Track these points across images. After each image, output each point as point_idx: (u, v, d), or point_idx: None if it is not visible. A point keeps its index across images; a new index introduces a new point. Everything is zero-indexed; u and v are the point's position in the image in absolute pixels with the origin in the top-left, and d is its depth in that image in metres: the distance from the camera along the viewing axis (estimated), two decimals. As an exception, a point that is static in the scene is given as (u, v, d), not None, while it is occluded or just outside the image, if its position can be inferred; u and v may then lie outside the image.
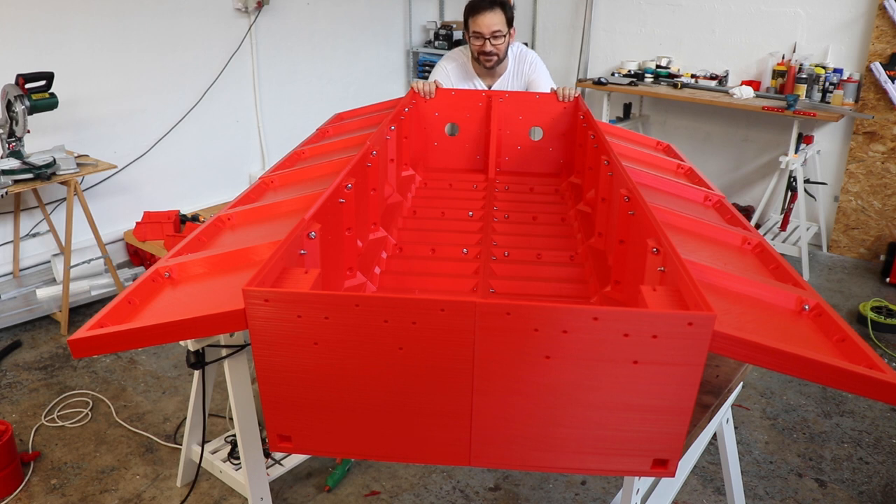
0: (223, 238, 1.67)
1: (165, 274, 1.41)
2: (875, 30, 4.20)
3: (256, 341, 1.13)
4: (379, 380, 1.15)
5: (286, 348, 1.13)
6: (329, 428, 1.22)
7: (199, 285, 1.39)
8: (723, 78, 4.81)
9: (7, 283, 3.84)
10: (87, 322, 1.24)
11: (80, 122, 3.89)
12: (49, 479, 2.59)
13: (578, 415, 1.16)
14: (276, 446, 1.25)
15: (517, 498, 2.53)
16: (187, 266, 1.44)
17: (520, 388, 1.13)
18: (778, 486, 2.59)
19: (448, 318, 1.07)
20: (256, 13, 4.77)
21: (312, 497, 2.53)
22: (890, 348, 3.50)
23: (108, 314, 1.24)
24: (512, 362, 1.11)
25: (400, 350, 1.11)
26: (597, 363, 1.10)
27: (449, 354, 1.11)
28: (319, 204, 1.55)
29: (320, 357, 1.13)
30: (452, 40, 5.89)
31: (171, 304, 1.32)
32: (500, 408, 1.16)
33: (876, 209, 4.47)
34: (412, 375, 1.14)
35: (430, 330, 1.09)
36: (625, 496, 1.46)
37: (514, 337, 1.08)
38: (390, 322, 1.08)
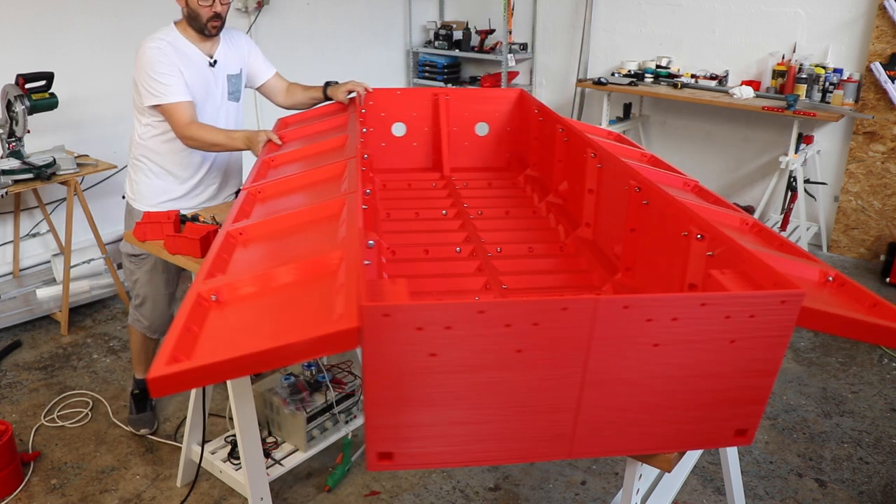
0: (247, 254, 1.57)
1: (212, 297, 1.30)
2: (875, 30, 4.20)
3: (371, 359, 1.09)
4: (494, 384, 1.15)
5: (402, 363, 1.09)
6: (433, 440, 1.20)
7: (255, 305, 1.29)
8: (723, 78, 4.81)
9: (7, 283, 3.84)
10: (157, 358, 1.09)
11: (80, 122, 3.89)
12: (49, 479, 2.59)
13: (679, 397, 1.22)
14: (375, 466, 1.21)
15: (517, 498, 2.53)
16: (234, 286, 1.33)
17: (628, 377, 1.18)
18: (778, 486, 2.59)
19: (569, 316, 1.09)
20: (256, 13, 4.77)
21: (312, 497, 2.53)
22: (890, 348, 3.50)
23: (176, 346, 1.11)
24: (623, 353, 1.15)
25: (518, 353, 1.11)
26: (699, 346, 1.16)
27: (565, 352, 1.13)
28: (355, 211, 1.50)
29: (436, 368, 1.11)
30: (452, 40, 5.90)
31: (238, 329, 1.22)
32: (608, 398, 1.20)
33: (876, 209, 4.47)
34: (527, 376, 1.15)
35: (550, 330, 1.10)
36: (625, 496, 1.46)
37: (628, 329, 1.12)
38: (512, 326, 1.08)
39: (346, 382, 2.55)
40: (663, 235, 1.65)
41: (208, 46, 2.58)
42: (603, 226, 2.11)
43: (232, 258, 1.52)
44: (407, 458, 1.21)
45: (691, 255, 1.50)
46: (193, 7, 2.45)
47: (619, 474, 2.62)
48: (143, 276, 2.64)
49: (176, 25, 2.55)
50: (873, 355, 3.45)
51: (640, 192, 1.79)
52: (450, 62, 6.03)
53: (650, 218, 1.74)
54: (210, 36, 2.54)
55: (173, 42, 2.50)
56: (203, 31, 2.51)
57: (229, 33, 2.67)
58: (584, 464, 2.69)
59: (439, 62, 6.02)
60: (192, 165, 2.64)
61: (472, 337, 1.08)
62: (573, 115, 5.53)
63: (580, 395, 1.18)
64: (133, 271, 2.67)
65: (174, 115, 2.45)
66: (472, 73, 6.14)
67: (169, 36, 2.51)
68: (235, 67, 2.70)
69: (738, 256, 1.36)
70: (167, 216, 2.09)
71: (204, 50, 2.56)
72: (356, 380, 2.57)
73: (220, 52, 2.62)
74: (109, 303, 3.90)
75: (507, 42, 5.51)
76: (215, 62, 2.59)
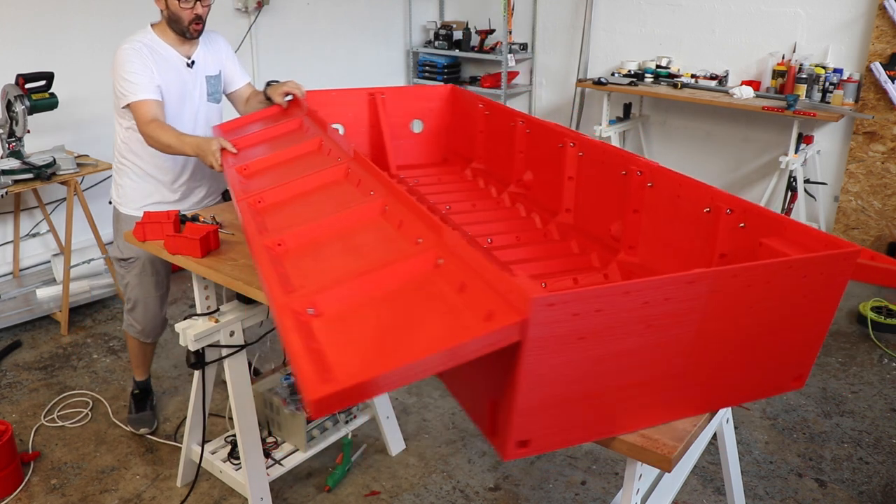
0: (304, 264, 1.52)
1: (308, 310, 1.26)
2: (875, 30, 4.20)
3: (532, 349, 1.10)
4: (628, 358, 1.23)
5: (557, 350, 1.14)
6: (568, 421, 1.26)
7: (366, 314, 1.27)
8: (723, 78, 4.81)
9: (7, 283, 3.84)
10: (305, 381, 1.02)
11: (80, 122, 3.89)
12: (49, 479, 2.59)
13: (763, 352, 1.36)
14: (512, 454, 1.23)
15: (517, 498, 2.53)
16: (325, 298, 1.30)
17: (731, 338, 1.30)
18: (778, 486, 2.59)
19: (694, 288, 1.19)
20: (256, 13, 4.77)
21: (312, 497, 2.53)
22: (890, 348, 3.50)
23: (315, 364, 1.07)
24: (728, 317, 1.26)
25: (649, 327, 1.20)
26: (785, 304, 1.31)
27: (687, 321, 1.23)
28: (420, 211, 1.51)
29: (583, 351, 1.17)
30: (452, 40, 5.89)
31: (369, 339, 1.18)
32: (713, 360, 1.32)
33: (876, 209, 4.47)
34: (655, 348, 1.24)
35: (677, 303, 1.19)
36: (625, 496, 1.46)
37: (733, 296, 1.24)
38: (650, 303, 1.17)
39: (346, 382, 2.54)
40: (677, 213, 1.79)
41: (186, 48, 2.54)
42: (586, 210, 2.19)
43: (287, 269, 1.48)
44: (544, 441, 1.26)
45: (720, 227, 1.64)
46: (174, 9, 2.41)
47: (619, 474, 2.62)
48: (132, 279, 2.63)
49: (153, 28, 2.52)
50: (873, 355, 3.45)
51: (643, 176, 1.89)
52: (450, 62, 6.03)
53: (657, 199, 1.86)
54: (191, 38, 2.50)
55: (149, 44, 2.47)
56: (185, 33, 2.47)
57: (208, 35, 2.63)
58: (584, 464, 2.69)
59: (439, 62, 6.02)
60: (173, 168, 2.59)
61: (616, 317, 1.16)
62: (573, 115, 5.54)
63: (692, 360, 1.30)
64: (123, 276, 2.66)
65: (137, 112, 2.41)
66: (472, 73, 6.14)
67: (145, 38, 2.48)
68: (214, 69, 2.66)
69: (777, 224, 1.52)
70: (167, 216, 2.09)
71: (182, 52, 2.53)
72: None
73: (199, 53, 2.58)
74: (109, 303, 3.90)
75: (507, 42, 5.51)
76: (193, 63, 2.56)
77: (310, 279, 1.40)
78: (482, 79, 5.87)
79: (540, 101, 5.89)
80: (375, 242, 1.54)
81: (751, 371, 1.40)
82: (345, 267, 1.45)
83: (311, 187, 1.91)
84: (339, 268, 1.46)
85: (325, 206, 1.77)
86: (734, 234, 1.62)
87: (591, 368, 1.20)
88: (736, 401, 1.45)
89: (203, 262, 1.99)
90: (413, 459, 2.72)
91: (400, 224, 1.55)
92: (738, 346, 1.33)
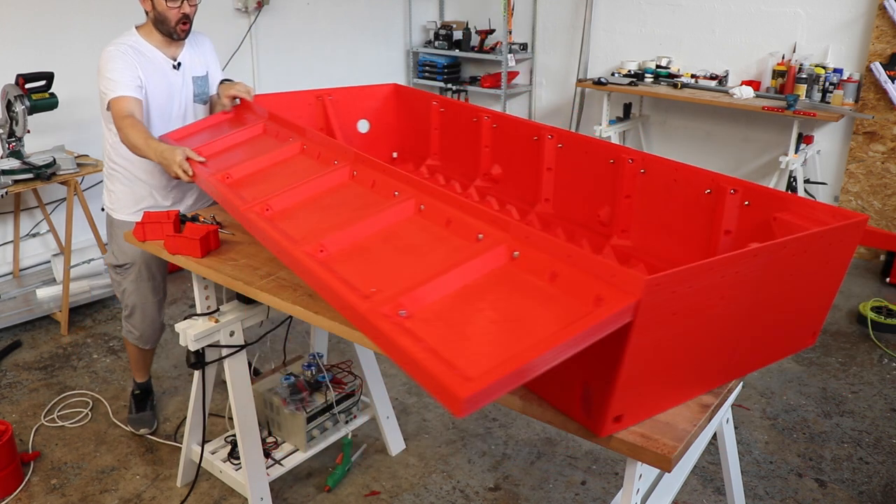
0: (365, 267, 1.51)
1: (400, 312, 1.27)
2: (875, 30, 4.20)
3: (639, 328, 1.16)
4: (704, 328, 1.31)
5: (656, 327, 1.20)
6: (653, 391, 1.33)
7: (462, 311, 1.28)
8: (723, 78, 4.81)
9: (7, 283, 3.84)
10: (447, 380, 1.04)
11: (80, 122, 3.89)
12: (49, 479, 2.59)
13: (791, 313, 1.50)
14: (608, 429, 1.29)
15: (517, 498, 2.53)
16: (421, 298, 1.31)
17: (773, 302, 1.42)
18: (778, 486, 2.59)
19: (757, 260, 1.29)
20: (256, 13, 4.77)
21: (312, 497, 2.53)
22: (890, 348, 3.50)
23: (448, 367, 1.09)
24: (774, 284, 1.37)
25: (722, 298, 1.28)
26: (811, 269, 1.43)
27: (747, 290, 1.33)
28: (482, 211, 1.53)
29: (674, 326, 1.24)
30: (452, 40, 5.89)
31: (475, 335, 1.20)
32: (759, 324, 1.43)
33: (876, 209, 4.47)
34: (723, 317, 1.33)
35: (743, 274, 1.29)
36: (625, 496, 1.46)
37: (780, 264, 1.35)
38: (725, 276, 1.26)
39: (346, 382, 2.54)
40: (674, 197, 1.90)
41: (172, 50, 2.50)
42: (568, 199, 2.26)
43: (342, 274, 1.47)
44: (633, 414, 1.32)
45: (725, 206, 1.76)
46: (161, 10, 2.38)
47: (619, 474, 2.62)
48: (129, 285, 2.63)
49: (138, 30, 2.48)
50: (873, 355, 3.45)
51: (635, 163, 1.99)
52: (450, 62, 6.04)
53: (651, 184, 1.96)
54: (178, 39, 2.46)
55: (134, 45, 2.43)
56: (171, 34, 2.43)
57: (194, 36, 2.59)
58: (584, 464, 2.69)
59: (439, 62, 6.02)
60: (160, 171, 2.49)
61: (701, 291, 1.23)
62: (573, 115, 5.54)
63: (749, 323, 1.41)
64: (119, 282, 2.65)
65: (114, 108, 2.33)
66: (472, 73, 6.14)
67: (130, 39, 2.44)
68: (201, 69, 2.62)
69: (782, 201, 1.66)
70: (167, 216, 2.09)
71: (168, 53, 2.49)
72: (356, 380, 2.57)
73: (184, 54, 2.55)
74: (109, 303, 3.90)
75: (507, 42, 5.51)
76: (179, 65, 2.53)
77: (380, 283, 1.40)
78: (482, 79, 5.87)
79: (540, 101, 5.89)
80: (429, 242, 1.55)
81: (782, 331, 1.53)
82: (409, 268, 1.45)
83: (319, 191, 1.89)
84: (403, 269, 1.46)
85: (347, 210, 1.76)
86: (739, 212, 1.74)
87: (677, 340, 1.28)
88: (769, 360, 1.59)
89: (203, 262, 1.99)
90: (413, 459, 2.72)
91: (448, 222, 1.57)
92: (777, 310, 1.45)
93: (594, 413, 1.28)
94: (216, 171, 2.13)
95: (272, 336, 2.75)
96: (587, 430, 1.32)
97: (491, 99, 5.93)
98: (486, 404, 1.07)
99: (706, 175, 1.82)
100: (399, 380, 3.20)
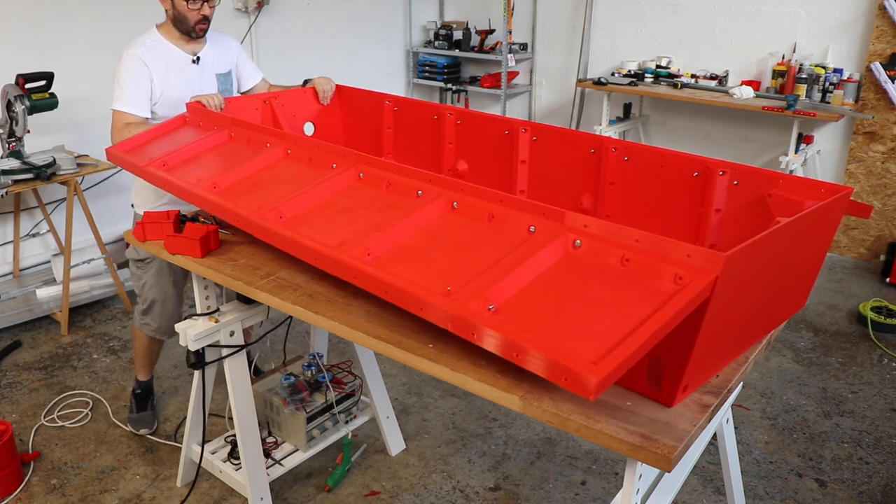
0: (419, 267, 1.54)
1: (489, 307, 1.34)
2: (875, 30, 4.20)
3: (715, 302, 1.25)
4: (753, 295, 1.42)
5: (726, 299, 1.29)
6: (710, 359, 1.40)
7: (545, 303, 1.34)
8: (723, 78, 4.81)
9: (7, 283, 3.84)
10: (576, 360, 1.14)
11: (80, 122, 3.89)
12: (49, 479, 2.59)
13: (795, 278, 1.61)
14: (678, 398, 1.36)
15: (517, 498, 2.53)
16: (499, 293, 1.37)
17: (789, 268, 1.52)
18: (778, 486, 2.59)
19: (790, 228, 1.39)
20: (256, 13, 4.77)
21: (312, 497, 2.53)
22: (890, 348, 3.50)
23: (567, 353, 1.17)
24: (792, 251, 1.48)
25: (769, 264, 1.39)
26: (813, 237, 1.55)
27: (781, 256, 1.43)
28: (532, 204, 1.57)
29: (736, 296, 1.33)
30: (452, 40, 5.89)
31: (577, 322, 1.27)
32: (777, 288, 1.55)
33: (876, 209, 4.47)
34: (764, 283, 1.44)
35: (780, 242, 1.39)
36: (625, 496, 1.46)
37: (800, 233, 1.45)
38: (771, 248, 1.36)
39: (346, 382, 2.54)
40: (660, 181, 1.98)
41: (191, 46, 2.59)
42: (544, 189, 2.30)
43: (408, 276, 1.49)
44: (695, 382, 1.40)
45: (715, 187, 1.85)
46: (181, 10, 2.47)
47: (619, 474, 2.62)
48: (150, 279, 2.63)
49: (158, 28, 2.57)
50: (873, 355, 3.46)
51: (618, 152, 2.06)
52: (450, 62, 6.03)
53: (635, 171, 2.03)
54: (196, 38, 2.56)
55: (154, 45, 2.52)
56: (190, 33, 2.53)
57: (218, 36, 2.69)
58: (584, 464, 2.69)
59: (439, 62, 6.02)
60: None
61: (757, 262, 1.32)
62: (573, 115, 5.54)
63: (775, 287, 1.52)
64: (140, 276, 2.66)
65: (113, 118, 2.49)
66: (472, 73, 6.14)
67: (150, 38, 2.54)
68: (224, 67, 2.71)
69: (769, 179, 1.76)
70: (167, 216, 2.09)
71: (186, 49, 2.58)
72: (356, 380, 2.57)
73: (205, 51, 2.64)
74: (109, 303, 3.90)
75: (507, 42, 5.51)
76: (198, 59, 2.61)
77: (450, 281, 1.44)
78: (482, 79, 5.87)
79: (540, 101, 5.89)
80: (475, 237, 1.58)
81: (788, 294, 1.64)
82: (468, 264, 1.49)
83: (328, 196, 1.88)
84: (463, 266, 1.49)
85: (371, 212, 1.75)
86: (729, 192, 1.83)
87: (733, 309, 1.36)
88: (778, 322, 1.69)
89: (203, 262, 1.99)
90: (413, 459, 2.72)
91: (491, 217, 1.60)
92: (789, 274, 1.55)
93: (665, 386, 1.35)
94: (198, 181, 2.09)
95: (272, 336, 2.75)
96: (656, 401, 1.39)
97: (491, 99, 5.93)
98: (608, 387, 1.15)
99: (693, 159, 1.91)
100: (399, 380, 3.21)
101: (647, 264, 1.32)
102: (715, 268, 1.22)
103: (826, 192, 1.63)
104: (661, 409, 1.37)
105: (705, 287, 1.21)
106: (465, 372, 1.45)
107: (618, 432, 1.30)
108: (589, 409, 1.36)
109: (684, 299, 1.20)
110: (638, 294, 1.28)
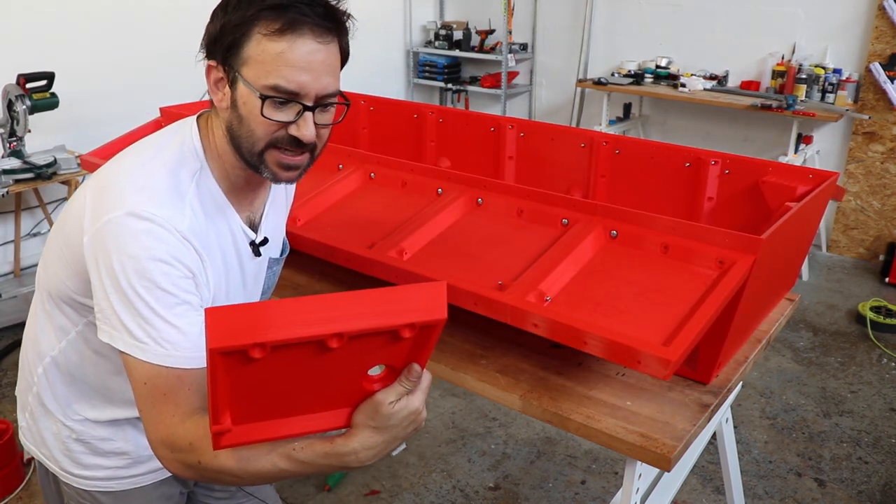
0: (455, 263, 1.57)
1: (546, 299, 1.40)
2: (875, 30, 4.21)
3: (751, 283, 1.34)
4: (770, 273, 1.49)
5: (759, 279, 1.38)
6: (739, 336, 1.53)
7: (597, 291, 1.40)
8: (722, 78, 4.81)
9: (7, 283, 3.84)
10: (646, 345, 1.20)
11: (81, 122, 3.89)
12: (50, 479, 2.59)
13: (790, 261, 1.69)
14: (713, 377, 1.45)
15: (517, 497, 2.54)
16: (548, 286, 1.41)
17: (790, 249, 1.61)
18: (777, 486, 2.59)
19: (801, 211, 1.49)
20: (257, 13, 4.77)
21: (312, 496, 2.53)
22: (889, 348, 3.50)
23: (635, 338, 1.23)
24: (793, 232, 1.54)
25: (782, 244, 1.45)
26: (805, 221, 1.63)
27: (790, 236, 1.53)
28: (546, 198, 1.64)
29: (759, 276, 1.38)
30: (452, 40, 5.89)
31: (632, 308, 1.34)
32: (784, 264, 1.64)
33: (875, 209, 4.47)
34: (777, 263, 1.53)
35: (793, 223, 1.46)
36: (624, 496, 1.47)
37: (801, 216, 1.53)
38: (788, 229, 1.43)
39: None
40: (653, 173, 2.05)
41: (250, 202, 1.25)
42: (533, 184, 2.31)
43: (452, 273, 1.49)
44: (726, 358, 1.49)
45: (708, 176, 1.93)
46: (246, 116, 1.11)
47: (619, 474, 2.63)
48: None
49: (203, 142, 1.18)
50: (872, 355, 3.46)
51: (609, 145, 2.11)
52: (450, 62, 6.04)
53: (627, 164, 2.09)
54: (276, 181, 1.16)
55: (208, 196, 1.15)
56: (258, 169, 1.13)
57: None
58: (584, 463, 2.70)
59: (439, 62, 6.02)
60: None
61: (777, 242, 1.40)
62: (573, 115, 5.54)
63: (780, 265, 1.59)
64: None
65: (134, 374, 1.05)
66: (472, 73, 6.14)
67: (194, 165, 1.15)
68: (278, 238, 1.40)
69: (759, 167, 1.84)
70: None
71: (244, 212, 1.24)
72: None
73: (268, 218, 1.32)
74: (110, 302, 3.90)
75: (507, 42, 5.51)
76: (264, 242, 1.30)
77: (499, 275, 1.46)
78: (482, 79, 5.87)
79: (540, 101, 5.89)
80: (510, 232, 1.60)
81: (785, 274, 1.72)
82: (511, 258, 1.51)
83: (339, 197, 1.87)
84: (506, 261, 1.51)
85: (392, 212, 1.74)
86: (720, 180, 1.92)
87: (761, 288, 1.44)
88: (777, 300, 1.77)
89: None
90: (413, 459, 2.73)
91: (520, 212, 1.64)
92: (788, 254, 1.62)
93: (701, 365, 1.43)
94: None
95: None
96: (693, 380, 1.46)
97: (491, 99, 5.94)
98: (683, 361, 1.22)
99: (685, 150, 2.00)
100: (399, 379, 3.21)
101: (688, 250, 1.39)
102: (754, 250, 1.30)
103: (815, 178, 1.70)
104: (660, 408, 1.38)
105: (748, 269, 1.30)
106: (465, 371, 1.46)
107: (617, 432, 1.31)
108: (588, 408, 1.36)
109: (732, 281, 1.28)
110: (683, 279, 1.36)
